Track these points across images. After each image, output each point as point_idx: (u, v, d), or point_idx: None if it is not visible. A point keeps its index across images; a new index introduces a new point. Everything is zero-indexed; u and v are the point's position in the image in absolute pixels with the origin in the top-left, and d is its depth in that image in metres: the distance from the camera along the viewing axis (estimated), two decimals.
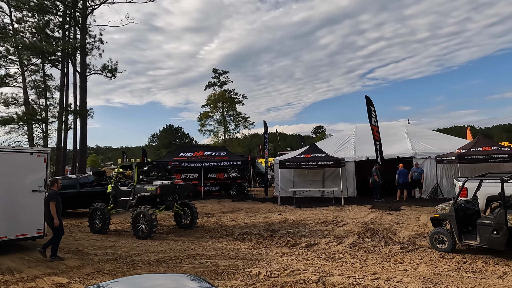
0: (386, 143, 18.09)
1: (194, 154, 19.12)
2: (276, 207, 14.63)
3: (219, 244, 8.78)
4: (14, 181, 8.08)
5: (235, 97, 64.04)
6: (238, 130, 63.98)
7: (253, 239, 9.17)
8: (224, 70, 64.21)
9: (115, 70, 18.18)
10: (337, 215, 11.79)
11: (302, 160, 15.38)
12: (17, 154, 8.15)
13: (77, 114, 18.36)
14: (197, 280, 2.78)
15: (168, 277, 3.25)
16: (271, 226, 10.55)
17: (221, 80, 64.16)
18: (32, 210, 8.31)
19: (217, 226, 11.14)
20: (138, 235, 9.60)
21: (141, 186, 10.19)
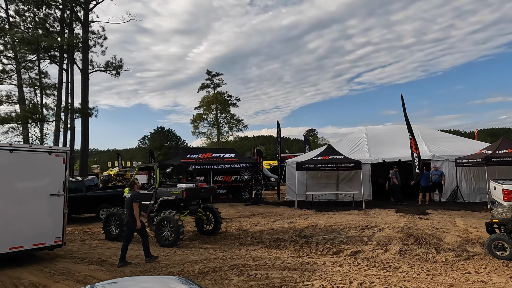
0: (399, 145, 17.75)
1: (202, 155, 18.34)
2: (295, 211, 14.01)
3: (254, 252, 8.10)
4: (31, 184, 7.23)
5: (229, 99, 63.30)
6: (232, 133, 63.24)
7: (288, 246, 8.52)
8: (218, 72, 63.40)
9: (119, 67, 17.28)
10: (367, 220, 11.24)
11: (320, 163, 14.82)
12: (34, 153, 7.31)
13: (74, 113, 17.32)
14: (188, 283, 2.71)
15: (157, 279, 3.19)
16: (302, 232, 9.92)
17: (214, 82, 63.35)
18: (50, 216, 7.47)
19: (242, 232, 10.45)
20: (162, 243, 8.82)
21: (164, 189, 9.42)
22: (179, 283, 2.71)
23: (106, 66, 17.46)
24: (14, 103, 20.96)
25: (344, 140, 19.66)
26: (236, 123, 62.47)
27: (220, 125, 61.13)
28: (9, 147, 6.90)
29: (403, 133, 19.20)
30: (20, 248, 6.93)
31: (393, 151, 16.96)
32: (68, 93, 17.52)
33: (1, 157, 6.79)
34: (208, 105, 60.59)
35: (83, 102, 16.83)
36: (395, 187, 15.29)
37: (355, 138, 19.54)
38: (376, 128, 20.97)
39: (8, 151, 6.87)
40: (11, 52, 19.24)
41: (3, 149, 6.82)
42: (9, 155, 6.89)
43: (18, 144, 7.05)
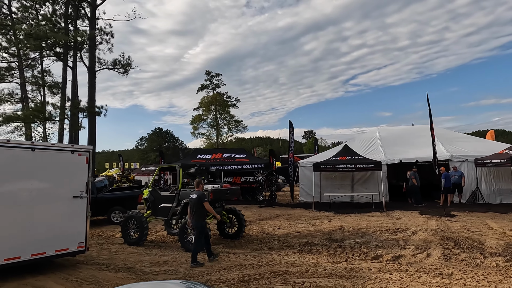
0: (414, 146, 17.43)
1: (213, 156, 17.85)
2: (314, 213, 13.57)
3: (287, 257, 7.64)
4: (53, 186, 6.71)
5: (228, 100, 62.79)
6: (231, 134, 62.76)
7: (321, 250, 8.08)
8: (217, 73, 62.90)
9: (128, 65, 16.72)
10: (394, 222, 10.83)
11: (338, 163, 14.41)
12: (57, 152, 6.79)
13: (82, 112, 16.75)
14: (197, 285, 2.71)
15: (159, 285, 3.13)
16: (331, 235, 9.49)
17: (214, 82, 62.82)
18: (73, 220, 6.95)
19: (266, 235, 9.98)
20: (187, 247, 8.32)
21: (188, 191, 8.92)
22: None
23: (113, 64, 16.93)
24: (16, 102, 20.34)
25: (357, 141, 19.29)
26: (235, 124, 62.04)
27: (219, 126, 60.62)
28: (31, 145, 6.39)
29: (417, 133, 18.96)
30: (42, 255, 6.41)
31: (409, 151, 16.63)
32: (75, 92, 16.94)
33: (23, 156, 6.27)
34: (208, 106, 60.03)
35: (90, 101, 16.27)
36: (414, 188, 14.93)
37: (368, 138, 19.18)
38: (388, 129, 20.66)
39: (30, 150, 6.36)
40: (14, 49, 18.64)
41: (25, 148, 6.31)
42: (31, 154, 6.38)
43: (39, 142, 6.50)
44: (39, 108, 14.63)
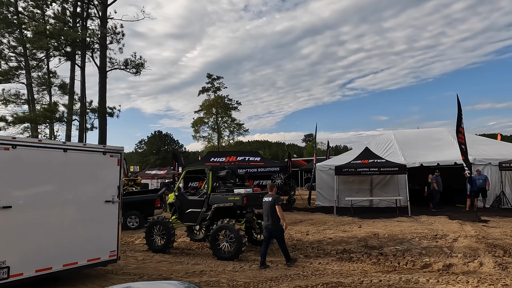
0: (434, 149, 17.07)
1: (227, 159, 17.37)
2: (337, 218, 13.11)
3: (329, 266, 7.19)
4: (85, 190, 6.20)
5: (229, 103, 62.38)
6: (233, 137, 62.30)
7: (363, 259, 7.63)
8: (219, 76, 62.51)
9: (141, 65, 16.22)
10: (429, 228, 10.40)
11: (360, 166, 13.98)
12: (89, 153, 6.29)
13: (94, 112, 16.18)
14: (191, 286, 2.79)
15: (156, 285, 3.19)
16: (367, 242, 9.02)
17: (215, 85, 62.43)
18: (105, 227, 6.44)
19: (296, 242, 9.51)
20: (220, 255, 7.84)
21: (219, 195, 8.44)
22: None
23: (125, 63, 16.44)
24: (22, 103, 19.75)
25: (372, 144, 18.88)
26: (237, 127, 61.59)
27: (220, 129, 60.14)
28: (63, 146, 5.89)
29: (434, 136, 18.61)
30: (74, 265, 5.89)
31: (429, 155, 16.25)
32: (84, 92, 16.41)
33: (55, 158, 5.77)
34: (209, 109, 59.57)
35: (101, 101, 15.75)
36: (434, 193, 14.53)
37: (383, 140, 18.80)
38: (404, 132, 20.30)
39: (62, 151, 5.86)
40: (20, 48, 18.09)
41: (57, 148, 5.80)
42: (63, 156, 5.87)
43: (71, 142, 6.00)
44: (52, 108, 14.09)
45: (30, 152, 5.45)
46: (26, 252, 5.29)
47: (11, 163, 5.21)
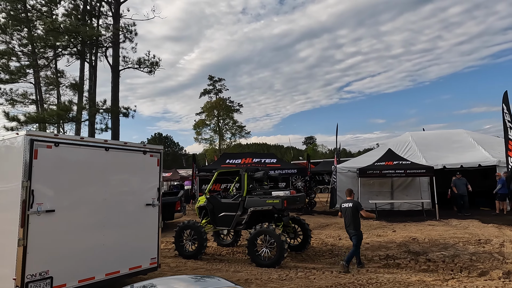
0: (455, 151, 16.72)
1: (242, 161, 16.91)
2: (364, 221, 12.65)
3: (380, 274, 6.75)
4: (126, 192, 5.74)
5: (231, 105, 62.00)
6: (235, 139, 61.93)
7: (412, 265, 7.21)
8: (220, 78, 62.21)
9: (156, 64, 15.74)
10: (467, 232, 10.00)
11: (386, 168, 13.58)
12: (129, 153, 5.83)
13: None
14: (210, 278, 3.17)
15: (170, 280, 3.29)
16: (408, 247, 8.60)
17: (216, 87, 62.09)
18: (146, 232, 5.97)
19: (331, 247, 9.07)
20: (259, 262, 7.37)
21: (256, 198, 7.98)
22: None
23: (138, 62, 15.95)
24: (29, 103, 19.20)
25: (389, 145, 18.47)
26: (238, 129, 61.21)
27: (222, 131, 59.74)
28: (104, 144, 5.42)
29: (452, 138, 18.26)
30: (116, 274, 5.41)
31: (450, 156, 15.87)
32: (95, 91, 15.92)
33: (97, 157, 5.30)
34: (211, 111, 59.17)
35: (114, 101, 15.26)
36: (456, 196, 14.14)
37: (401, 142, 18.42)
38: (420, 133, 19.95)
39: (103, 149, 5.39)
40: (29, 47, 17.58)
41: (99, 147, 5.34)
42: (105, 155, 5.41)
43: (111, 140, 5.54)
44: (67, 107, 13.58)
45: (73, 151, 4.99)
46: (70, 261, 4.82)
47: (53, 162, 4.74)
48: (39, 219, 4.52)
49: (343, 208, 7.38)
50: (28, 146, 4.48)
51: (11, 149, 4.75)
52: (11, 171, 4.65)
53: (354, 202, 7.34)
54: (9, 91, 17.38)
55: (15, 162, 4.56)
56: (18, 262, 4.29)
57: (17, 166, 4.50)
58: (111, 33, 15.29)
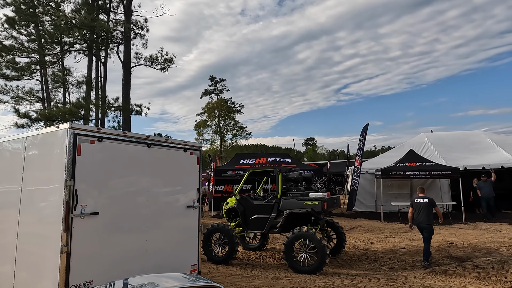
0: (475, 152, 16.36)
1: (257, 160, 16.45)
2: (389, 224, 12.28)
3: (429, 281, 6.31)
4: (168, 192, 5.27)
5: (232, 106, 61.68)
6: (236, 140, 61.63)
7: (461, 272, 6.78)
8: (222, 78, 61.93)
9: (170, 61, 15.21)
10: (505, 236, 9.62)
11: (410, 170, 13.17)
12: (171, 150, 5.36)
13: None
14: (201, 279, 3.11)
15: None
16: (448, 251, 8.18)
17: (218, 88, 61.78)
18: (187, 237, 5.50)
19: (364, 251, 8.64)
20: (298, 268, 6.91)
21: (292, 199, 7.53)
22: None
23: (150, 59, 15.46)
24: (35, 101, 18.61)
25: (406, 146, 18.10)
26: (239, 130, 60.84)
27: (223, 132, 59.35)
28: (146, 140, 4.95)
29: (470, 139, 17.90)
30: None
31: (470, 158, 15.50)
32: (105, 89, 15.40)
33: (140, 154, 4.84)
34: (212, 112, 58.81)
35: (126, 99, 14.76)
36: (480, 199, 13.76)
37: (417, 143, 18.02)
38: (436, 134, 19.56)
39: (145, 146, 4.92)
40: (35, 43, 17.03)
41: (142, 143, 4.87)
42: (147, 152, 4.94)
43: (153, 136, 5.07)
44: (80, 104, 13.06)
45: (116, 147, 4.52)
46: (112, 269, 4.34)
47: (96, 159, 4.27)
48: (83, 222, 4.05)
49: (417, 203, 7.78)
50: (71, 140, 4.01)
51: (50, 145, 4.27)
52: (50, 169, 4.17)
53: (429, 198, 7.80)
54: (15, 88, 16.82)
55: (56, 159, 4.09)
56: (61, 272, 3.81)
57: (59, 163, 4.03)
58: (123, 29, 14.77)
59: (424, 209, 7.60)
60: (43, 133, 4.43)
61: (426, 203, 7.66)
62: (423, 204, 7.67)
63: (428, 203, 7.64)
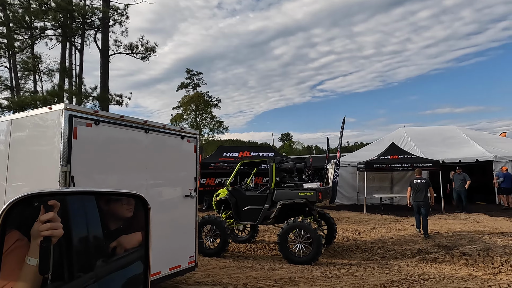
0: (451, 146, 16.99)
1: (240, 154, 16.26)
2: (373, 216, 12.50)
3: (423, 268, 6.44)
4: (165, 181, 5.01)
5: (209, 99, 61.03)
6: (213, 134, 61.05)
7: (450, 260, 6.98)
8: (198, 71, 61.03)
9: (151, 49, 14.61)
10: (485, 225, 10.00)
11: (392, 162, 13.46)
12: (168, 136, 5.09)
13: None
14: None
15: None
16: (434, 240, 8.40)
17: (194, 81, 60.86)
18: (184, 227, 5.27)
19: (354, 241, 8.73)
20: (293, 259, 6.85)
21: (286, 190, 7.43)
22: None
23: (130, 47, 14.79)
24: (2, 89, 17.48)
25: (385, 140, 18.54)
26: (216, 125, 60.30)
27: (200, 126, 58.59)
28: (144, 125, 4.66)
29: (446, 134, 18.59)
30: (157, 275, 4.70)
31: (448, 151, 16.10)
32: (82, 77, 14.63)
33: (138, 139, 4.55)
34: (188, 105, 57.84)
35: (104, 88, 14.08)
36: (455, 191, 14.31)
37: (396, 138, 18.49)
38: (414, 129, 20.16)
39: (143, 131, 4.64)
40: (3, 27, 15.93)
41: (140, 128, 4.58)
42: (145, 137, 4.66)
43: (150, 121, 4.79)
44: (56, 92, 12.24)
45: (113, 131, 4.21)
46: None
47: (93, 144, 3.96)
48: None
49: (415, 183, 8.78)
50: (67, 122, 3.68)
51: (43, 127, 3.92)
52: (43, 154, 3.82)
53: (425, 179, 8.80)
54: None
55: (50, 142, 3.75)
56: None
57: (53, 147, 3.69)
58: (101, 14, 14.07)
59: (422, 189, 8.55)
60: (32, 115, 4.06)
61: (423, 183, 8.61)
62: (421, 184, 8.59)
63: (426, 183, 8.62)
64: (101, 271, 1.19)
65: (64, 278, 1.10)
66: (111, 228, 1.28)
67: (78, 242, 1.16)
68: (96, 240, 1.21)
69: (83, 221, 1.19)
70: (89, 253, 1.19)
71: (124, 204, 1.34)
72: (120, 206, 1.33)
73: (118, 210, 1.33)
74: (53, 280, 1.04)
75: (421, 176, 8.96)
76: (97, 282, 1.16)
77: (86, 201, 1.22)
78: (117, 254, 1.25)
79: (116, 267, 1.24)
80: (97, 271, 1.18)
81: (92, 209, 1.22)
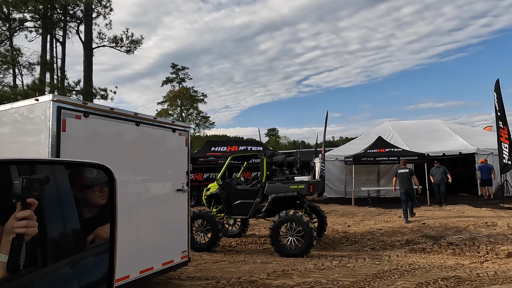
0: (435, 139, 17.33)
1: (228, 148, 16.17)
2: (361, 208, 12.67)
3: (412, 258, 6.56)
4: (157, 175, 4.90)
5: (195, 95, 60.48)
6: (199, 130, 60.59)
7: (438, 250, 7.13)
8: (184, 66, 60.31)
9: (137, 42, 14.27)
10: (469, 215, 10.27)
11: (379, 156, 13.64)
12: (159, 130, 4.98)
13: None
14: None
15: None
16: (422, 231, 8.56)
17: (180, 76, 60.15)
18: (176, 222, 5.19)
19: (344, 233, 8.82)
20: (285, 252, 6.87)
21: (278, 183, 7.42)
22: None
23: (115, 40, 14.41)
24: None
25: (372, 134, 18.78)
26: (203, 120, 59.88)
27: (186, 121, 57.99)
28: (135, 118, 4.54)
29: (431, 127, 18.97)
30: (150, 271, 4.61)
31: (433, 145, 16.42)
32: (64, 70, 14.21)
33: (128, 133, 4.43)
34: (173, 100, 57.17)
35: (87, 82, 13.71)
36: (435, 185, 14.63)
37: (382, 131, 18.75)
38: (399, 123, 20.47)
39: (134, 124, 4.52)
40: None
41: (130, 120, 4.46)
42: (136, 131, 4.54)
43: (141, 114, 4.68)
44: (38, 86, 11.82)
45: (103, 124, 4.09)
46: None
47: (82, 137, 3.83)
48: None
49: (400, 173, 9.93)
50: (55, 115, 3.53)
51: (29, 120, 3.76)
52: (30, 147, 3.67)
53: (409, 169, 9.94)
54: None
55: (37, 136, 3.60)
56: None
57: (41, 141, 3.55)
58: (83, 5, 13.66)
59: (406, 178, 9.71)
60: (17, 107, 3.88)
61: (407, 173, 9.80)
62: (405, 174, 9.77)
63: (409, 172, 9.82)
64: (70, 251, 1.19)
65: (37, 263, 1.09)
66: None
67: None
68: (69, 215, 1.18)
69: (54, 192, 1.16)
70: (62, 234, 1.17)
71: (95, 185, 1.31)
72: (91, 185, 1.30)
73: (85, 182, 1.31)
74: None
75: (405, 166, 9.94)
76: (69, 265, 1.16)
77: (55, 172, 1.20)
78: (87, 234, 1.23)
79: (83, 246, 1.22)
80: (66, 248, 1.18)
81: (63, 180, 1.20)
